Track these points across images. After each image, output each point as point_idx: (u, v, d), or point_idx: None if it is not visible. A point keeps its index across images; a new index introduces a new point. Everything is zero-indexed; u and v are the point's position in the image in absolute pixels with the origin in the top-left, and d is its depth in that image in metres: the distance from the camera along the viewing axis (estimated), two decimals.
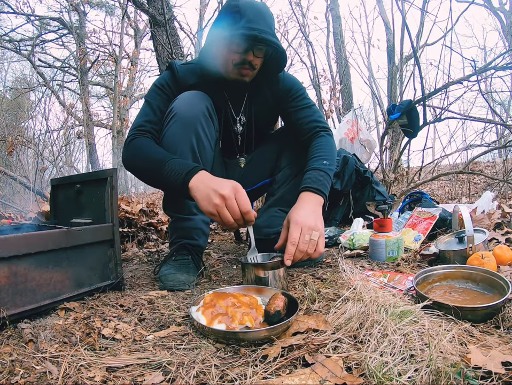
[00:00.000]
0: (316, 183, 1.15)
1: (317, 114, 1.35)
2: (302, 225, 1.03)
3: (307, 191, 1.14)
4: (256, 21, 1.11)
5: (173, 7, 4.51)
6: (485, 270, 0.92)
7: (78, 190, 1.23)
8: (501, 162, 4.39)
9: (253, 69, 1.22)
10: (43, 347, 0.69)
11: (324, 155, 1.24)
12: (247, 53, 1.16)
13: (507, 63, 2.61)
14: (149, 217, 2.29)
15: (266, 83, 1.32)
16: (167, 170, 1.04)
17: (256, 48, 1.16)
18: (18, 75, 9.62)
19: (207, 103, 1.22)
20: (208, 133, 1.21)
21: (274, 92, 1.34)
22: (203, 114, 1.19)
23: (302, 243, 1.02)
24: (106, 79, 10.30)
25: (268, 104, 1.36)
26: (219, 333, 0.73)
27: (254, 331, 0.73)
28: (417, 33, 4.38)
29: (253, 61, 1.18)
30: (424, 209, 1.67)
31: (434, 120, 3.07)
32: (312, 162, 1.22)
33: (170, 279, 1.13)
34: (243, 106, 1.36)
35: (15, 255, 0.82)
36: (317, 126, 1.32)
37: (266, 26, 1.14)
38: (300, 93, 1.35)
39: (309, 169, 1.20)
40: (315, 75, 5.38)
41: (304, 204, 1.11)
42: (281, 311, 0.77)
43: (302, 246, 1.02)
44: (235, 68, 1.19)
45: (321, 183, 1.16)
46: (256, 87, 1.32)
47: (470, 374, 0.54)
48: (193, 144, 1.17)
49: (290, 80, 1.35)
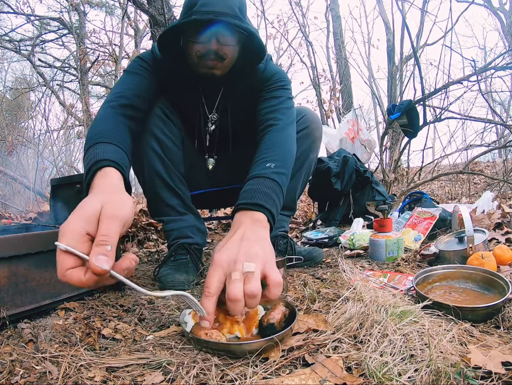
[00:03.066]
0: (251, 196, 0.84)
1: (282, 105, 1.12)
2: (221, 263, 0.68)
3: (240, 211, 0.82)
4: (213, 2, 0.96)
5: (173, 7, 4.51)
6: (485, 270, 0.92)
7: (78, 190, 1.23)
8: (501, 162, 4.39)
9: (222, 60, 1.05)
10: (43, 347, 0.69)
11: (268, 157, 0.96)
12: (210, 42, 1.01)
13: (507, 63, 2.61)
14: (149, 217, 2.29)
15: (244, 76, 1.17)
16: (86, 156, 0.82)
17: (220, 34, 1.00)
18: (18, 75, 9.61)
19: (160, 104, 1.17)
20: (168, 134, 1.18)
21: (252, 84, 1.18)
22: (157, 115, 1.16)
23: (229, 286, 0.65)
24: (106, 79, 10.29)
25: (246, 99, 1.20)
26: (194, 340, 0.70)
27: (226, 344, 0.66)
28: (417, 33, 4.39)
29: (219, 50, 1.03)
30: (424, 209, 1.67)
31: (434, 120, 3.07)
32: (253, 168, 0.95)
33: (169, 280, 1.13)
34: (217, 103, 1.24)
35: (15, 255, 0.82)
36: (269, 119, 1.08)
37: (227, 8, 0.97)
38: (277, 84, 1.16)
39: (247, 179, 0.91)
40: (315, 75, 5.38)
41: (230, 233, 0.77)
42: (275, 324, 0.69)
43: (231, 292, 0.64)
44: (201, 60, 1.06)
45: (259, 194, 0.84)
46: (232, 81, 1.18)
47: (470, 374, 0.54)
48: (155, 148, 1.15)
49: (272, 70, 1.19)
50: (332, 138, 3.69)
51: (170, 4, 3.66)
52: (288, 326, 0.70)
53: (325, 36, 7.71)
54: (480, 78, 2.79)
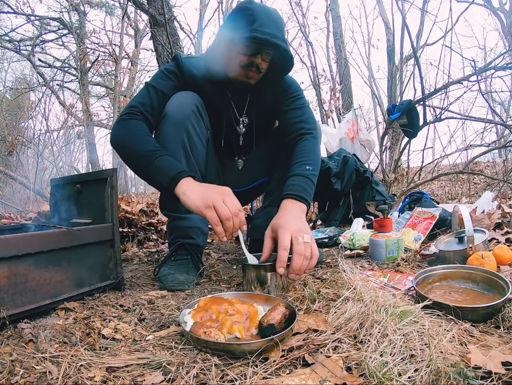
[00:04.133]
0: (298, 190, 1.11)
1: (306, 115, 1.32)
2: (291, 230, 0.98)
3: (289, 198, 1.10)
4: (269, 25, 1.12)
5: (173, 7, 4.52)
6: (485, 270, 0.92)
7: (78, 190, 1.23)
8: (501, 162, 4.39)
9: (259, 72, 1.22)
10: (43, 347, 0.69)
11: (307, 160, 1.20)
12: (256, 56, 1.16)
13: (507, 63, 2.61)
14: (149, 217, 2.29)
15: (269, 86, 1.33)
16: (157, 164, 1.03)
17: (265, 52, 1.17)
18: (18, 75, 9.61)
19: (196, 101, 1.21)
20: (198, 132, 1.21)
21: (274, 94, 1.34)
22: (193, 112, 1.19)
23: (297, 245, 0.96)
24: (106, 79, 10.29)
25: (268, 106, 1.36)
26: (193, 339, 0.70)
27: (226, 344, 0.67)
28: (417, 33, 4.38)
29: (260, 64, 1.19)
30: (424, 209, 1.67)
31: (434, 120, 3.07)
32: (296, 167, 1.18)
33: (169, 280, 1.13)
34: (246, 107, 1.36)
35: (15, 255, 0.82)
36: (302, 128, 1.29)
37: (278, 31, 1.14)
38: (296, 94, 1.34)
39: (292, 175, 1.16)
40: (315, 75, 5.38)
41: (288, 212, 1.07)
42: (275, 325, 0.70)
43: (299, 249, 0.95)
44: (242, 69, 1.20)
45: (304, 190, 1.12)
46: (259, 89, 1.32)
47: (470, 374, 0.54)
48: (185, 142, 1.18)
49: (289, 80, 1.36)
50: (331, 137, 3.69)
51: (170, 4, 3.66)
52: (288, 327, 0.70)
53: (325, 36, 7.72)
54: (480, 78, 2.79)
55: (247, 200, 1.73)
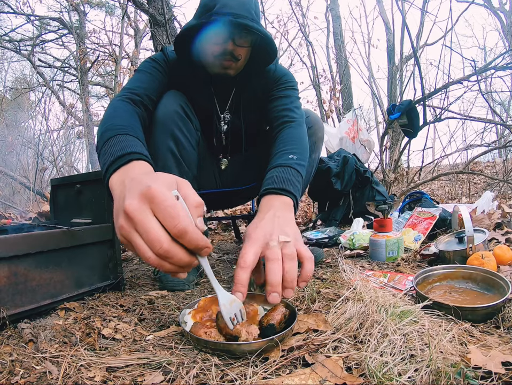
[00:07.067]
0: (278, 181, 0.89)
1: (293, 105, 1.16)
2: (258, 237, 0.73)
3: (267, 195, 0.87)
4: (231, 5, 0.99)
5: (173, 7, 4.51)
6: (485, 270, 0.92)
7: (78, 190, 1.23)
8: (501, 162, 4.39)
9: (236, 60, 1.08)
10: (43, 347, 0.69)
11: (290, 149, 1.01)
12: (227, 42, 1.04)
13: (508, 63, 2.61)
14: None
15: (256, 76, 1.20)
16: (104, 149, 0.78)
17: (236, 36, 1.03)
18: (18, 75, 9.61)
19: (181, 101, 1.13)
20: (186, 133, 1.14)
21: (263, 85, 1.21)
22: (177, 113, 1.11)
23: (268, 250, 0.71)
24: (106, 79, 10.29)
25: (257, 99, 1.23)
26: (193, 339, 0.70)
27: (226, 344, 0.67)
28: (417, 33, 4.39)
29: (234, 51, 1.05)
30: (424, 209, 1.67)
31: (434, 120, 3.07)
32: (276, 158, 0.98)
33: (170, 280, 1.13)
34: (229, 102, 1.25)
35: (15, 255, 0.82)
36: (286, 116, 1.12)
37: (245, 10, 1.00)
38: (287, 84, 1.21)
39: (271, 168, 0.96)
40: (315, 75, 5.38)
41: (262, 213, 0.81)
42: (275, 324, 0.69)
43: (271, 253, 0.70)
44: (216, 60, 1.08)
45: (286, 180, 0.89)
46: (245, 81, 1.21)
47: (470, 374, 0.54)
48: (172, 147, 1.10)
49: (281, 71, 1.23)
50: (331, 136, 3.69)
51: (170, 4, 3.66)
52: (288, 327, 0.70)
53: (325, 36, 7.72)
54: (480, 78, 2.80)
55: (243, 200, 1.68)
